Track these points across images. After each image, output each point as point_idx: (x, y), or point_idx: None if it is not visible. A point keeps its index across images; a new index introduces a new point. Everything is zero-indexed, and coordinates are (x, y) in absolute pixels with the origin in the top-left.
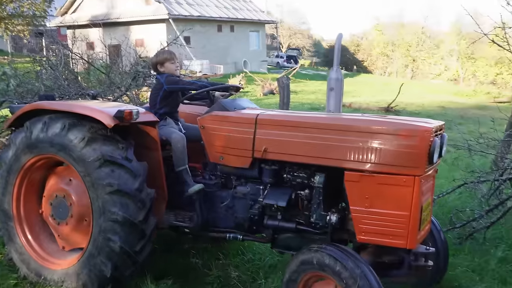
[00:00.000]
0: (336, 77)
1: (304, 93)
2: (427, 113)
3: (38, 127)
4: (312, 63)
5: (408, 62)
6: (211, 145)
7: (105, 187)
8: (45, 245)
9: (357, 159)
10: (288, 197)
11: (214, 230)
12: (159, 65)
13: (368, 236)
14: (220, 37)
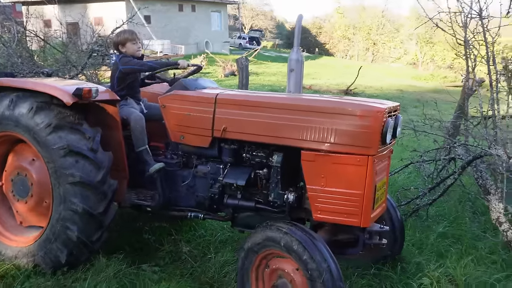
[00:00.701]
0: (296, 58)
1: (265, 75)
2: (385, 96)
3: (4, 104)
4: (275, 45)
5: (369, 45)
6: (172, 124)
7: (68, 177)
8: (3, 219)
9: (312, 138)
10: (247, 176)
11: (176, 209)
12: (120, 45)
13: (324, 214)
14: (182, 16)
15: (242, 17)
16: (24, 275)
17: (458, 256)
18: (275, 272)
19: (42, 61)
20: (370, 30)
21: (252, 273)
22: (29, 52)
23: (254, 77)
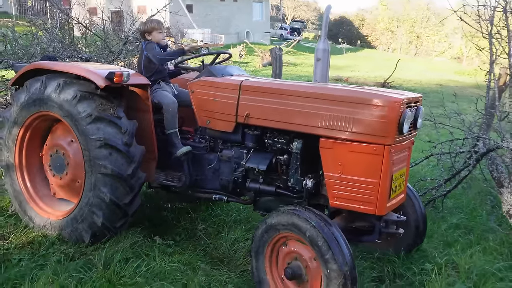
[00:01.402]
0: (323, 47)
1: (303, 66)
2: (423, 90)
3: (52, 86)
4: (316, 36)
5: (412, 38)
6: (199, 110)
7: (100, 167)
8: (38, 187)
9: (331, 126)
10: (269, 161)
11: (201, 191)
12: (147, 34)
13: (340, 201)
14: (223, 6)
15: (284, 7)
16: (49, 242)
17: (467, 246)
18: (291, 253)
19: (83, 47)
20: (414, 23)
21: (269, 247)
22: (70, 38)
23: (292, 67)
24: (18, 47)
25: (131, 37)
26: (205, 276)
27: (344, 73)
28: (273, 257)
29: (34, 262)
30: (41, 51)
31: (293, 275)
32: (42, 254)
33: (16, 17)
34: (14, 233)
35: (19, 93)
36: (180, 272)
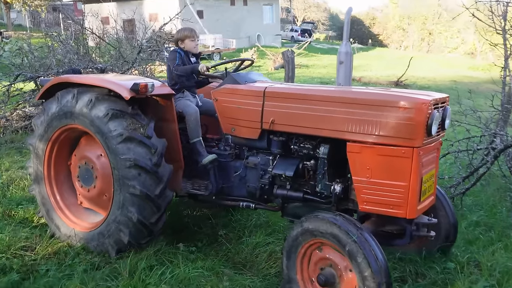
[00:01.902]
0: (345, 50)
1: (315, 67)
2: (437, 87)
3: (83, 100)
4: (328, 37)
5: (424, 35)
6: (223, 117)
7: (129, 187)
8: (66, 195)
9: (358, 130)
10: (296, 167)
11: (228, 198)
12: (179, 41)
13: (370, 205)
14: (233, 10)
15: (294, 9)
16: (74, 252)
17: (488, 243)
18: (326, 260)
19: (98, 57)
20: (425, 19)
21: (302, 249)
22: (85, 49)
23: (304, 69)
24: (35, 59)
25: (145, 45)
26: (228, 281)
27: (357, 72)
28: (305, 258)
29: (61, 272)
30: (57, 63)
31: (326, 282)
32: (69, 264)
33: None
34: (40, 244)
35: (50, 102)
36: (204, 278)
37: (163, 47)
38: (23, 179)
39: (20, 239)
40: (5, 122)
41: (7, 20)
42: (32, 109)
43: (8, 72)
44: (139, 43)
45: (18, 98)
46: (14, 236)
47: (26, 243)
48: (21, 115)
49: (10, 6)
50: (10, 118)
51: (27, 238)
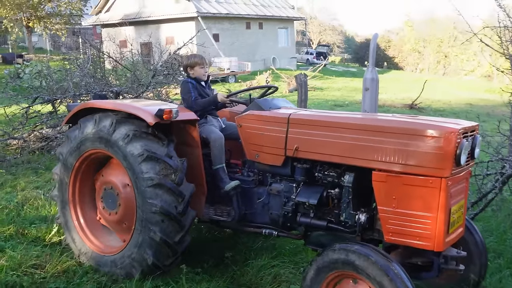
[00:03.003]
0: (371, 77)
1: (330, 90)
2: (452, 110)
3: (120, 133)
4: (343, 60)
5: (440, 58)
6: (247, 143)
7: (152, 206)
8: (86, 210)
9: (384, 159)
10: (319, 195)
11: (251, 225)
12: (189, 68)
13: (396, 236)
14: (249, 34)
15: (310, 32)
16: (83, 271)
17: (496, 270)
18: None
19: (114, 80)
20: (441, 42)
21: (325, 282)
22: (102, 72)
23: (318, 92)
24: (53, 82)
25: (159, 68)
26: None
27: None
28: (333, 283)
29: None
30: (74, 86)
31: None
32: (77, 283)
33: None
34: (50, 262)
35: (72, 131)
36: None
37: (178, 70)
38: (37, 199)
39: (31, 257)
40: (23, 143)
41: (28, 43)
42: (49, 130)
43: (27, 95)
44: (154, 66)
45: (35, 120)
46: (25, 254)
47: (36, 261)
48: (38, 137)
49: (31, 30)
50: (28, 139)
51: (38, 256)
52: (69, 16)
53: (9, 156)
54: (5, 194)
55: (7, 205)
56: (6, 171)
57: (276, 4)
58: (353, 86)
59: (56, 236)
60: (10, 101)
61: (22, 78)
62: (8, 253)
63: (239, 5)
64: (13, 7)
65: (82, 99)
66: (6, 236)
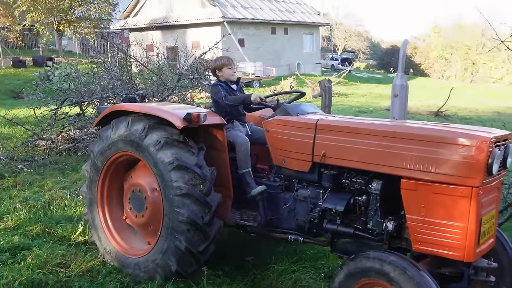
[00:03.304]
0: (401, 83)
1: (354, 96)
2: (479, 118)
3: (151, 140)
4: (368, 66)
5: (468, 65)
6: (274, 148)
7: (178, 215)
8: (114, 209)
9: (413, 167)
10: (346, 202)
11: (276, 231)
12: (217, 70)
13: (424, 246)
14: (274, 39)
15: (335, 38)
16: (106, 271)
17: None
18: None
19: (140, 83)
20: (468, 49)
21: (363, 280)
22: (128, 75)
23: (343, 98)
24: (81, 85)
25: (185, 72)
26: None
27: None
28: None
29: None
30: (101, 88)
31: None
32: (100, 282)
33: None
34: (74, 262)
35: (105, 130)
36: None
37: (203, 75)
38: (63, 199)
39: (56, 256)
40: (51, 144)
41: (58, 46)
42: (76, 132)
43: (56, 97)
44: (179, 70)
45: (63, 122)
46: (51, 253)
47: (62, 260)
48: (66, 138)
49: (62, 34)
50: (56, 140)
51: (63, 255)
52: (98, 20)
53: (37, 157)
54: (33, 194)
55: (35, 204)
56: (34, 171)
57: (301, 9)
58: (378, 93)
59: (81, 236)
60: (40, 103)
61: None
62: (34, 251)
63: (265, 10)
64: (45, 11)
65: (109, 101)
66: (33, 234)
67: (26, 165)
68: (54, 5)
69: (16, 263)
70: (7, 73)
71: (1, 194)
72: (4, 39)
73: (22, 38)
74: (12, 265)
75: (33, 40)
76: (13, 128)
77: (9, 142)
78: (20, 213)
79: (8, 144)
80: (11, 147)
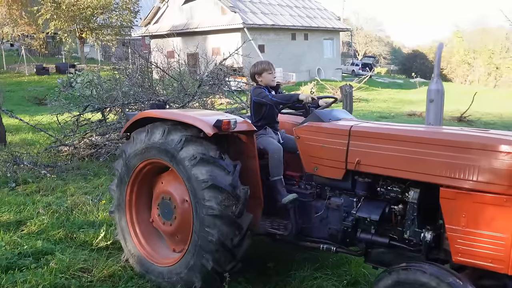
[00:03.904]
0: (436, 88)
1: (375, 101)
2: (503, 123)
3: (174, 137)
4: (389, 71)
5: (491, 70)
6: (306, 156)
7: (207, 208)
8: (142, 214)
9: (453, 175)
10: (382, 211)
11: (308, 240)
12: (257, 75)
13: (465, 257)
14: (294, 45)
15: (355, 43)
16: (128, 276)
17: None
18: None
19: (161, 89)
20: (492, 54)
21: None
22: (150, 82)
23: (364, 103)
24: (103, 91)
25: (205, 79)
26: None
27: (418, 107)
28: None
29: None
30: (123, 95)
31: None
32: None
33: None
34: (96, 266)
35: (139, 133)
36: None
37: (223, 81)
38: (85, 204)
39: (79, 261)
40: (73, 149)
41: (80, 53)
42: (98, 138)
43: (78, 103)
44: (200, 76)
45: (85, 128)
46: (73, 258)
47: (84, 265)
48: (88, 144)
49: (84, 41)
50: (78, 146)
51: (85, 260)
52: (119, 28)
53: (60, 162)
54: (56, 199)
55: (57, 210)
56: (57, 176)
57: (321, 15)
58: (399, 98)
59: (103, 241)
60: (63, 109)
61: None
62: (57, 256)
63: (285, 16)
64: (67, 19)
65: (130, 107)
66: (56, 239)
67: (49, 171)
68: (76, 13)
69: (39, 267)
70: (31, 80)
71: (24, 199)
72: (28, 47)
73: (45, 45)
74: (36, 269)
75: (56, 47)
76: (37, 134)
77: (33, 148)
78: (43, 218)
79: (31, 149)
80: (34, 153)
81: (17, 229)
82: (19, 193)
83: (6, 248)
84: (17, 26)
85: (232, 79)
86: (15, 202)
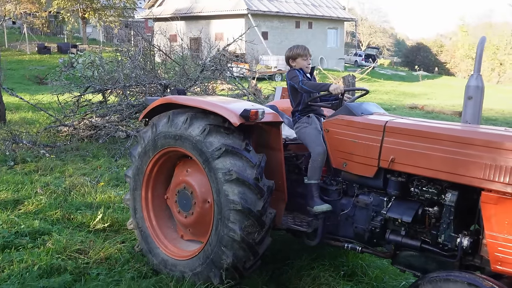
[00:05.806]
0: (476, 84)
1: (377, 93)
2: (505, 119)
3: (180, 120)
4: (392, 63)
5: (495, 65)
6: (334, 150)
7: (229, 231)
8: (165, 230)
9: (497, 179)
10: (414, 212)
11: (332, 238)
12: (291, 60)
13: (506, 266)
14: (298, 33)
15: (360, 34)
16: (124, 259)
17: None
18: None
19: (163, 73)
20: (497, 49)
21: None
22: (152, 65)
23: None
24: (104, 72)
25: (208, 64)
26: None
27: (420, 100)
28: None
29: (111, 278)
30: (124, 77)
31: None
32: (118, 270)
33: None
34: (93, 248)
35: (160, 119)
36: None
37: (226, 66)
38: (84, 185)
39: (75, 242)
40: (73, 130)
41: (83, 34)
42: (98, 119)
43: (80, 84)
44: (202, 61)
45: (86, 109)
46: (70, 239)
47: (80, 246)
48: (88, 125)
49: (86, 21)
50: (78, 127)
51: (82, 241)
52: (122, 9)
53: (59, 142)
54: (54, 179)
55: (56, 190)
56: (56, 156)
57: (326, 4)
58: (401, 91)
59: (100, 223)
60: (63, 89)
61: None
62: (54, 237)
63: (290, 3)
64: None
65: (131, 90)
66: (53, 220)
67: (48, 150)
68: None
69: (35, 247)
70: (32, 59)
71: (22, 178)
72: (30, 25)
73: (47, 24)
74: (32, 249)
75: (58, 27)
76: (36, 113)
77: (32, 127)
78: (41, 198)
79: (31, 129)
80: (33, 132)
81: (15, 208)
82: (17, 172)
83: (3, 226)
84: (19, 3)
85: (235, 65)
86: (13, 180)
